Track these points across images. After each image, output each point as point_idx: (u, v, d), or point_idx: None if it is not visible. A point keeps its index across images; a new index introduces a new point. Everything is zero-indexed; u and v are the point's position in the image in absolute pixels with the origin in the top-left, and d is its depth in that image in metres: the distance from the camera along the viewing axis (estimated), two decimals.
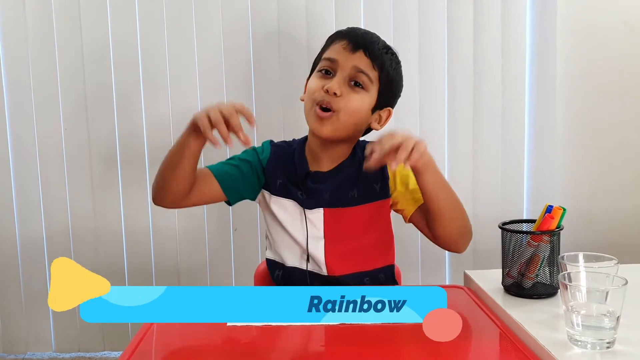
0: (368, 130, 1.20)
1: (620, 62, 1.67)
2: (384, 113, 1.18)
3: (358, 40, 1.12)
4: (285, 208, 1.17)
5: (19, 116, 1.70)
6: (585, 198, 1.70)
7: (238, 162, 1.19)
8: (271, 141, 1.24)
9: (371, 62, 1.11)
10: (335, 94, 1.09)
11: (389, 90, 1.16)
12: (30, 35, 1.66)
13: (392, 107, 1.20)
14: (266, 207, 1.19)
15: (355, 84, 1.11)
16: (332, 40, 1.17)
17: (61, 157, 1.71)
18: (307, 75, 1.20)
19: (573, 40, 1.65)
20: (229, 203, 1.19)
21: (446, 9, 1.64)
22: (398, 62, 1.19)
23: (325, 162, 1.18)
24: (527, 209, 1.72)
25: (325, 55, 1.15)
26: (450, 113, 1.68)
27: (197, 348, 0.84)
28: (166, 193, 1.10)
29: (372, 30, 1.19)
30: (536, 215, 1.02)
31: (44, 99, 1.69)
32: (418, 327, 0.89)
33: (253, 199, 1.21)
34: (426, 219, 1.14)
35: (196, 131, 0.99)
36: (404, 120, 1.67)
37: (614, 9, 1.65)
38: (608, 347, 0.77)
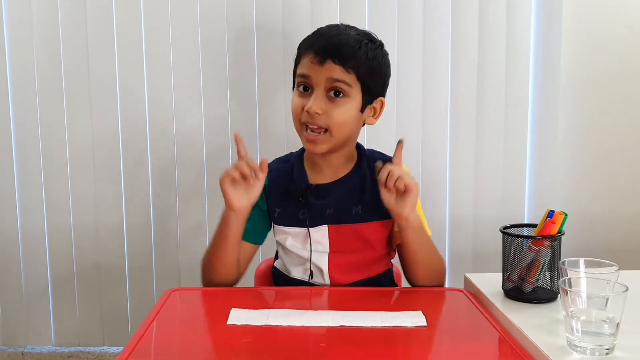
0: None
1: (624, 66, 1.66)
2: (377, 104, 1.14)
3: (324, 49, 1.06)
4: (288, 235, 1.16)
5: (23, 111, 1.71)
6: (587, 203, 1.70)
7: (252, 215, 1.15)
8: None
9: (343, 68, 1.06)
10: (317, 113, 1.06)
11: (373, 83, 1.11)
12: (35, 31, 1.66)
13: (384, 95, 1.15)
14: (274, 233, 1.20)
15: (335, 93, 1.07)
16: (301, 51, 1.12)
17: (64, 153, 1.71)
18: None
19: (577, 44, 1.65)
20: (260, 244, 1.21)
21: (451, 13, 1.64)
22: (376, 48, 1.11)
23: (327, 172, 1.16)
24: (529, 213, 1.72)
25: (298, 71, 1.11)
26: (453, 116, 1.68)
27: (197, 346, 0.84)
28: (218, 282, 1.12)
29: (373, 31, 1.15)
30: (537, 219, 1.02)
31: (48, 95, 1.69)
32: (418, 329, 0.89)
33: None
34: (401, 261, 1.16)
35: (232, 208, 1.06)
36: (407, 123, 1.67)
37: (618, 12, 1.64)
38: (607, 354, 0.77)
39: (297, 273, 1.18)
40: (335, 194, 1.14)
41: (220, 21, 1.65)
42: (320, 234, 1.14)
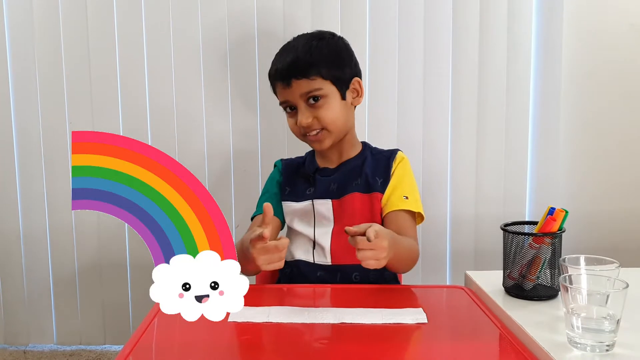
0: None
1: (625, 64, 1.66)
2: (355, 85, 1.23)
3: (284, 74, 1.17)
4: (295, 215, 1.24)
5: (25, 111, 1.71)
6: (587, 200, 1.70)
7: (270, 192, 1.29)
8: (282, 159, 1.34)
9: (306, 79, 1.16)
10: (309, 123, 1.17)
11: (340, 72, 1.19)
12: (36, 31, 1.67)
13: (358, 75, 1.24)
14: (284, 215, 1.27)
15: (314, 99, 1.17)
16: (271, 81, 1.24)
17: (66, 152, 1.72)
18: None
19: (578, 42, 1.65)
20: (283, 222, 1.28)
21: (452, 11, 1.64)
22: (327, 43, 1.21)
23: (334, 158, 1.27)
24: (529, 211, 1.72)
25: (279, 98, 1.22)
26: (454, 114, 1.68)
27: (198, 343, 0.84)
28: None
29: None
30: (538, 217, 1.02)
31: (50, 94, 1.70)
32: (419, 326, 0.89)
33: None
34: None
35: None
36: (408, 121, 1.67)
37: (620, 10, 1.64)
38: (607, 350, 0.77)
39: (300, 254, 1.22)
40: (340, 173, 1.24)
41: (222, 26, 1.65)
42: (325, 207, 1.22)
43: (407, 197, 1.20)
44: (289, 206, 1.25)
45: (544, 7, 1.65)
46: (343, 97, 1.20)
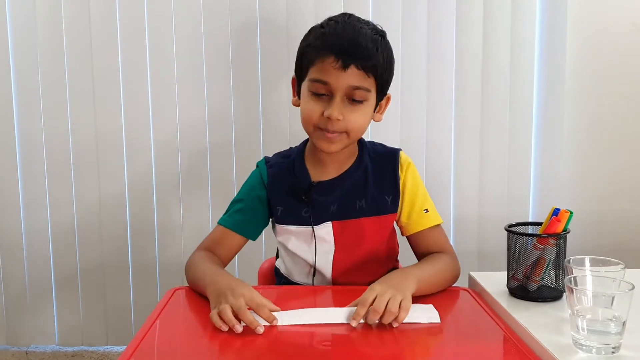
0: None
1: (629, 63, 1.65)
2: (383, 101, 1.12)
3: (347, 54, 1.00)
4: (291, 234, 1.13)
5: (27, 111, 1.71)
6: (592, 201, 1.69)
7: (246, 204, 1.14)
8: (266, 160, 1.17)
9: (364, 73, 1.01)
10: (338, 119, 1.02)
11: (386, 82, 1.08)
12: (39, 32, 1.66)
13: (387, 91, 1.12)
14: (276, 233, 1.17)
15: (354, 99, 1.03)
16: (316, 51, 1.03)
17: (68, 152, 1.71)
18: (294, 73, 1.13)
19: (582, 41, 1.64)
20: (253, 239, 1.16)
21: (455, 9, 1.63)
22: (387, 44, 1.07)
23: (330, 168, 1.13)
24: (533, 212, 1.71)
25: (315, 75, 1.03)
26: (457, 114, 1.67)
27: (200, 345, 0.84)
28: None
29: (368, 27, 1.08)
30: (542, 218, 1.01)
31: (52, 95, 1.69)
32: (423, 328, 0.89)
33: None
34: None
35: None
36: (411, 120, 1.66)
37: (623, 10, 1.63)
38: (613, 352, 0.77)
39: (300, 277, 1.16)
40: (339, 191, 1.11)
41: (223, 16, 1.65)
42: (325, 231, 1.11)
43: (427, 210, 1.13)
44: (284, 228, 1.13)
45: (547, 5, 1.64)
46: (375, 108, 1.09)
